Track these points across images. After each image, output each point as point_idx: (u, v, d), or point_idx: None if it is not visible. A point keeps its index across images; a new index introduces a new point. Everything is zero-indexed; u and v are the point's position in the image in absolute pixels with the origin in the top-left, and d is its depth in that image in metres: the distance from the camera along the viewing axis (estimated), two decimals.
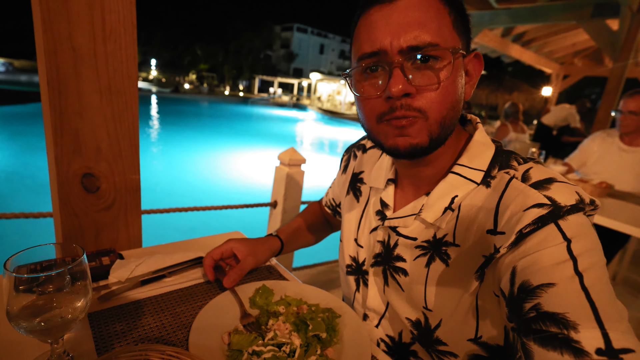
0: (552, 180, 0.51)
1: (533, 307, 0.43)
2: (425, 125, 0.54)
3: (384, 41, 0.52)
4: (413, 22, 0.51)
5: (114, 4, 0.73)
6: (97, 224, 0.84)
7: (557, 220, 0.46)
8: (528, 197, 0.50)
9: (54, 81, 0.70)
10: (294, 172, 1.80)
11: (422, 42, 0.51)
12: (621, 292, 2.72)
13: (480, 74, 0.58)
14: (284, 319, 0.62)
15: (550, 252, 0.45)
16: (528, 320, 0.43)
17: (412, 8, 0.51)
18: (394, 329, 0.69)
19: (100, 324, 0.61)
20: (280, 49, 52.50)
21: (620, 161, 2.26)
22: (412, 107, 0.53)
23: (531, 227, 0.47)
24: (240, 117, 19.21)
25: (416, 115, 0.53)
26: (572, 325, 0.40)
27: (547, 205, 0.47)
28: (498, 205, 0.53)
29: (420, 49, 0.51)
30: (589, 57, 8.16)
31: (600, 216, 1.73)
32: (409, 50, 0.51)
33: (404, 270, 0.64)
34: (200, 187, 6.06)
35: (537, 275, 0.44)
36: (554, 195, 0.49)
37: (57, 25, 0.68)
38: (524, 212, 0.48)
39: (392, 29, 0.52)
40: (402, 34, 0.51)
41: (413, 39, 0.51)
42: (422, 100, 0.53)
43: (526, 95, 10.77)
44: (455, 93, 0.54)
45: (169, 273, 0.78)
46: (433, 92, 0.53)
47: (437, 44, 0.51)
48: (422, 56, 0.51)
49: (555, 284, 0.43)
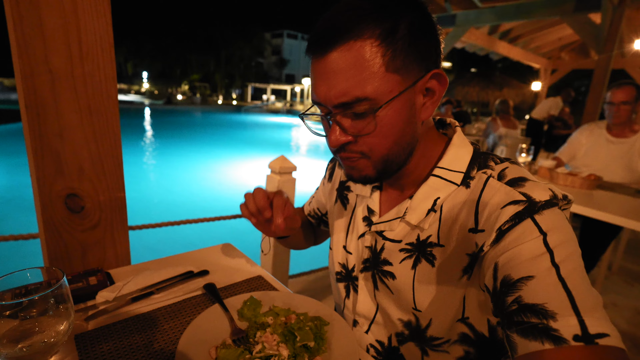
0: (526, 179, 0.54)
1: (514, 300, 0.45)
2: (370, 163, 0.58)
3: (321, 95, 0.54)
4: (341, 78, 0.51)
5: (89, 25, 0.74)
6: (84, 244, 0.84)
7: (533, 215, 0.48)
8: (505, 194, 0.52)
9: (31, 103, 0.70)
10: (285, 180, 1.80)
11: (350, 98, 0.52)
12: (617, 281, 2.74)
13: (445, 89, 0.58)
14: (272, 330, 0.62)
15: (528, 246, 0.47)
16: (510, 314, 0.45)
17: (340, 62, 0.51)
18: (384, 334, 0.70)
19: (87, 345, 0.60)
20: (272, 56, 52.62)
21: (609, 153, 2.29)
22: (353, 150, 0.57)
23: (509, 223, 0.49)
24: (233, 125, 19.19)
25: (358, 157, 0.58)
26: (550, 315, 0.42)
27: (522, 201, 0.50)
28: (478, 204, 0.55)
29: (349, 104, 0.52)
30: (576, 50, 8.26)
31: (591, 208, 1.75)
32: (340, 106, 0.53)
33: (392, 273, 0.65)
34: (195, 198, 6.03)
35: (517, 269, 0.46)
36: (528, 191, 0.51)
37: (32, 49, 0.69)
38: (502, 209, 0.51)
39: (325, 83, 0.53)
40: (332, 90, 0.52)
41: (342, 95, 0.52)
42: (362, 145, 0.57)
43: (516, 90, 10.85)
44: (397, 132, 0.55)
45: (158, 289, 0.77)
46: (371, 138, 0.55)
47: (365, 97, 0.51)
48: (353, 111, 0.53)
49: (534, 277, 0.45)
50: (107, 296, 0.72)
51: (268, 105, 33.40)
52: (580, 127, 2.47)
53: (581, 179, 2.09)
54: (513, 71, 16.75)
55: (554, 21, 6.04)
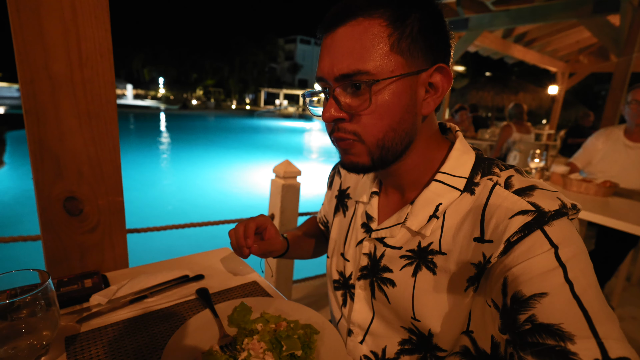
0: (534, 187, 0.52)
1: (528, 319, 0.43)
2: (364, 147, 0.57)
3: (324, 68, 0.55)
4: (346, 51, 0.53)
5: (89, 32, 0.75)
6: (82, 246, 0.85)
7: (543, 226, 0.47)
8: (512, 204, 0.50)
9: (32, 109, 0.72)
10: (289, 184, 1.80)
11: (352, 69, 0.52)
12: (636, 293, 2.63)
13: (449, 86, 0.57)
14: (259, 337, 0.61)
15: (539, 260, 0.45)
16: (524, 333, 0.43)
17: (348, 37, 0.53)
18: (378, 345, 0.68)
19: (75, 348, 0.61)
20: (285, 61, 53.13)
21: (627, 158, 2.20)
22: (347, 130, 0.56)
23: (518, 235, 0.47)
24: (246, 130, 19.40)
25: (353, 138, 0.57)
26: (567, 337, 0.40)
27: (531, 211, 0.48)
28: (483, 213, 0.53)
29: (350, 76, 0.53)
30: (594, 53, 8.03)
31: (607, 217, 1.68)
32: (341, 78, 0.54)
33: (392, 280, 0.64)
34: (207, 201, 6.11)
35: (528, 284, 0.44)
36: (537, 201, 0.49)
37: (32, 55, 0.70)
38: (510, 219, 0.49)
39: (330, 57, 0.54)
40: (336, 62, 0.53)
41: (345, 67, 0.53)
42: (355, 124, 0.56)
43: (533, 95, 10.64)
44: (393, 115, 0.55)
45: (151, 293, 0.78)
46: (366, 117, 0.55)
47: (366, 71, 0.52)
48: (353, 83, 0.53)
49: (547, 294, 0.43)
50: (101, 299, 0.72)
51: (281, 110, 33.68)
52: (597, 132, 2.39)
53: (596, 186, 2.02)
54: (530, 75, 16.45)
55: (571, 24, 5.90)
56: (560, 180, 2.21)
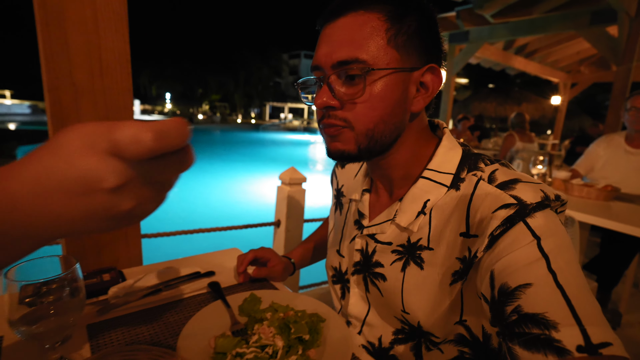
0: (517, 180, 0.53)
1: (514, 310, 0.44)
2: (352, 135, 0.58)
3: (321, 56, 0.57)
4: (345, 40, 0.55)
5: (109, 43, 0.81)
6: (99, 244, 0.89)
7: (525, 218, 0.48)
8: (495, 197, 0.52)
9: (57, 114, 0.78)
10: (295, 191, 1.84)
11: (349, 57, 0.54)
12: None
13: (439, 87, 0.60)
14: (269, 323, 0.65)
15: (522, 252, 0.46)
16: (511, 324, 0.44)
17: (348, 27, 0.55)
18: (374, 335, 0.70)
19: (97, 334, 0.65)
20: (289, 76, 53.92)
21: (628, 164, 2.23)
22: (338, 117, 0.58)
23: (501, 228, 0.48)
24: (252, 143, 19.57)
25: (343, 125, 0.58)
26: (552, 325, 0.41)
27: (513, 205, 0.49)
28: (469, 208, 0.55)
29: (347, 63, 0.55)
30: (596, 63, 8.09)
31: (611, 220, 1.70)
32: (338, 65, 0.55)
33: (383, 275, 0.66)
34: (215, 211, 6.17)
35: (513, 276, 0.45)
36: (519, 194, 0.50)
37: (58, 64, 0.77)
38: (493, 213, 0.50)
39: (328, 45, 0.57)
40: (335, 50, 0.55)
41: (343, 54, 0.55)
42: (347, 112, 0.57)
43: (536, 105, 10.69)
44: (385, 107, 0.56)
45: (166, 287, 0.82)
46: (359, 105, 0.56)
47: (363, 60, 0.54)
48: (348, 71, 0.55)
49: (531, 284, 0.44)
50: (118, 292, 0.76)
51: (286, 124, 33.97)
52: (598, 139, 2.42)
53: (597, 190, 2.04)
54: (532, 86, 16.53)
55: (571, 35, 5.98)
56: (562, 185, 2.23)
